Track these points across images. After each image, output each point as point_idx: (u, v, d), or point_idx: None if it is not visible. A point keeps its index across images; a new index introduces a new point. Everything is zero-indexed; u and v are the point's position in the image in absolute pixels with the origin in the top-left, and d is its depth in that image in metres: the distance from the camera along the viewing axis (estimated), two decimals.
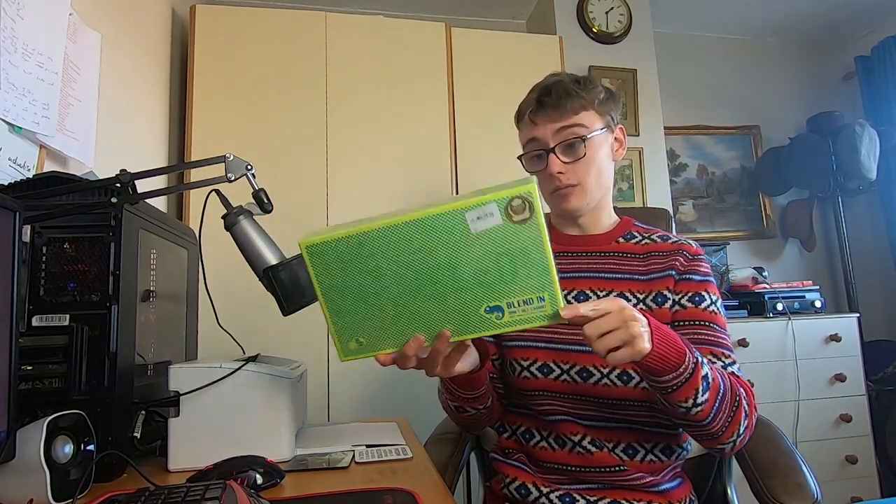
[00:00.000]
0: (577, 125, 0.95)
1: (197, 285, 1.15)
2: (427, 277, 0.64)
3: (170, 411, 0.82)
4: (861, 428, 2.29)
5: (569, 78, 0.98)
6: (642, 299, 0.95)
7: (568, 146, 0.95)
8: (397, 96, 2.06)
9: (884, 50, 2.80)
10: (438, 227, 0.61)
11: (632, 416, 0.92)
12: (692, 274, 0.95)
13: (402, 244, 0.63)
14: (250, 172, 0.88)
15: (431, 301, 0.66)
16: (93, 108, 1.34)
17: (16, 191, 0.86)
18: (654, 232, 1.03)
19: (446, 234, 0.62)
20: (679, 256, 0.96)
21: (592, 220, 1.03)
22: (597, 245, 1.02)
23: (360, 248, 0.64)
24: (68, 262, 0.80)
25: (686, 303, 0.94)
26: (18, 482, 0.65)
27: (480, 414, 0.97)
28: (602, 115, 0.98)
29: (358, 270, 0.65)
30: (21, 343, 0.72)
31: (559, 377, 0.94)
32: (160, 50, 1.89)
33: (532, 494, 0.93)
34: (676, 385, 0.75)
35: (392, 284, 0.65)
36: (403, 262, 0.64)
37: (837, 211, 2.86)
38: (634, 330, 0.68)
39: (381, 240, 0.63)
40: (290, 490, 0.72)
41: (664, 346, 0.72)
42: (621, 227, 1.04)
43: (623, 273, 0.98)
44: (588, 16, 2.58)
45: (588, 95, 0.96)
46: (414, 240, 0.62)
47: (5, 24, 1.01)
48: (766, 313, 2.36)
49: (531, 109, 0.98)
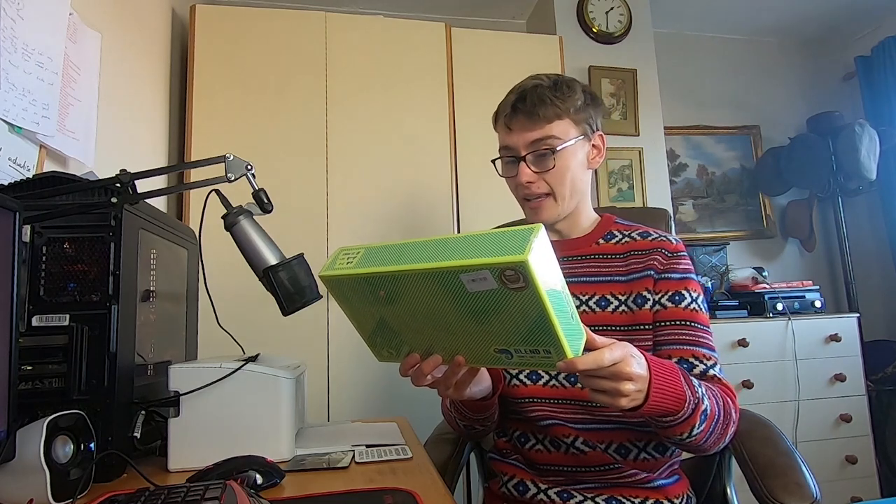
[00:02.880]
0: (549, 136, 0.94)
1: (197, 285, 1.15)
2: (437, 318, 0.64)
3: (170, 411, 0.82)
4: (861, 428, 2.29)
5: (548, 82, 0.96)
6: (624, 301, 0.95)
7: (539, 156, 0.95)
8: (397, 96, 2.06)
9: (884, 50, 2.80)
10: (437, 280, 0.59)
11: (621, 417, 0.92)
12: (671, 272, 0.95)
13: (408, 288, 0.62)
14: (250, 172, 0.88)
15: (444, 333, 0.66)
16: (93, 108, 1.34)
17: (16, 191, 0.86)
18: (635, 229, 1.02)
19: (446, 288, 0.59)
20: (657, 255, 0.96)
21: (570, 224, 1.02)
22: (577, 249, 1.01)
23: (370, 285, 0.65)
24: (68, 262, 0.80)
25: (666, 302, 0.93)
26: (18, 482, 0.65)
27: (487, 429, 1.00)
28: (578, 124, 0.96)
29: (372, 302, 0.67)
30: (21, 343, 0.72)
31: (547, 383, 0.95)
32: (160, 50, 1.89)
33: (530, 491, 0.94)
34: (673, 424, 0.77)
35: (407, 317, 0.67)
36: (414, 302, 0.63)
37: (837, 211, 2.86)
38: (623, 388, 0.68)
39: (389, 281, 0.62)
40: (290, 490, 0.71)
41: (662, 397, 0.73)
42: (601, 228, 1.03)
43: (604, 276, 0.97)
44: (588, 16, 2.58)
45: (563, 104, 0.94)
46: (419, 286, 0.61)
47: (5, 24, 1.01)
48: (766, 313, 2.36)
49: (506, 114, 0.98)
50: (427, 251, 0.60)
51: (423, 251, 0.60)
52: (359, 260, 0.65)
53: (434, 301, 0.62)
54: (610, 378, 0.67)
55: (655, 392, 0.71)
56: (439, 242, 0.60)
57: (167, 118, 1.94)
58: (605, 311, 0.95)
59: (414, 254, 0.61)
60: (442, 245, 0.60)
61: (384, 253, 0.64)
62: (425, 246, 0.61)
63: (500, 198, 2.12)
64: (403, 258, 0.61)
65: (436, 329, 0.66)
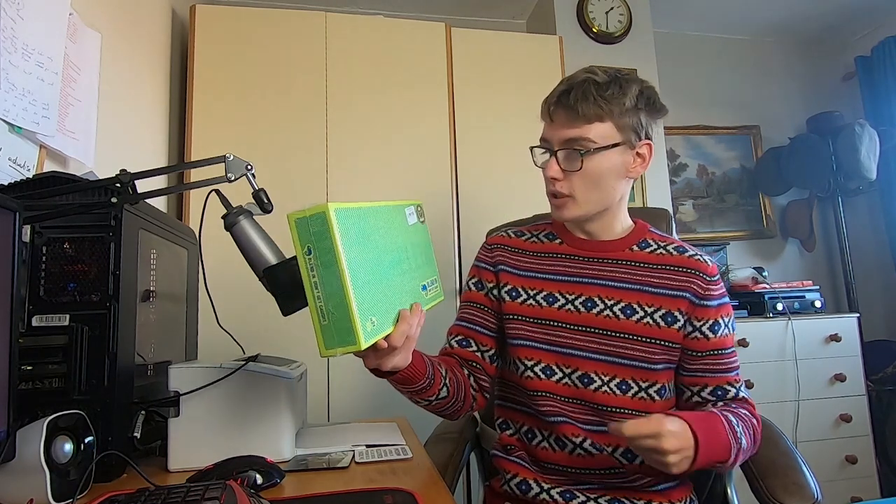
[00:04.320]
0: (585, 138, 0.89)
1: (197, 285, 1.15)
2: (399, 255, 0.77)
3: (170, 411, 0.82)
4: (861, 428, 2.29)
5: (602, 78, 0.91)
6: (650, 313, 0.93)
7: (569, 155, 0.92)
8: (397, 96, 2.06)
9: (884, 50, 2.80)
10: (396, 215, 0.79)
11: None
12: (709, 300, 0.94)
13: (386, 223, 0.74)
14: (250, 172, 0.88)
15: (406, 277, 0.77)
16: (93, 107, 1.34)
17: (16, 191, 0.86)
18: (670, 242, 1.00)
19: (399, 222, 0.79)
20: (696, 279, 0.94)
21: (601, 227, 0.99)
22: (610, 251, 0.98)
23: (364, 220, 0.69)
24: (68, 262, 0.80)
25: (706, 332, 0.94)
26: (18, 482, 0.65)
27: (433, 406, 0.92)
28: (622, 129, 0.91)
29: (365, 242, 0.67)
30: (21, 343, 0.72)
31: (560, 380, 0.94)
32: (160, 50, 1.89)
33: (533, 490, 0.94)
34: (718, 466, 0.84)
35: (385, 259, 0.72)
36: (388, 239, 0.74)
37: (837, 211, 2.86)
38: (667, 460, 0.75)
39: (376, 216, 0.72)
40: (290, 490, 0.72)
41: (710, 454, 0.80)
42: (636, 234, 1.00)
43: (634, 283, 0.95)
44: (588, 16, 2.58)
45: (609, 105, 0.89)
46: (391, 221, 0.76)
47: (5, 24, 1.01)
48: (766, 313, 2.36)
49: (551, 105, 0.94)
50: (393, 206, 0.79)
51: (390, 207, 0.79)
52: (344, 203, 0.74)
53: (397, 237, 0.77)
54: (651, 451, 0.75)
55: (703, 452, 0.77)
56: None
57: (167, 118, 1.94)
58: (630, 320, 0.93)
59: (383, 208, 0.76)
60: None
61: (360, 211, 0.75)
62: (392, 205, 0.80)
63: (500, 196, 2.13)
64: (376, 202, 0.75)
65: (401, 273, 0.76)
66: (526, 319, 0.97)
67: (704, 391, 0.94)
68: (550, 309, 0.97)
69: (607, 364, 0.93)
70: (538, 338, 0.96)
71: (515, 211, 1.55)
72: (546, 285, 0.98)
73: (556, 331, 0.96)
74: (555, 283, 0.98)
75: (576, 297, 0.96)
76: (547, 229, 1.05)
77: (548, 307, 0.97)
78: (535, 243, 1.04)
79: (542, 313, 0.97)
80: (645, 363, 0.92)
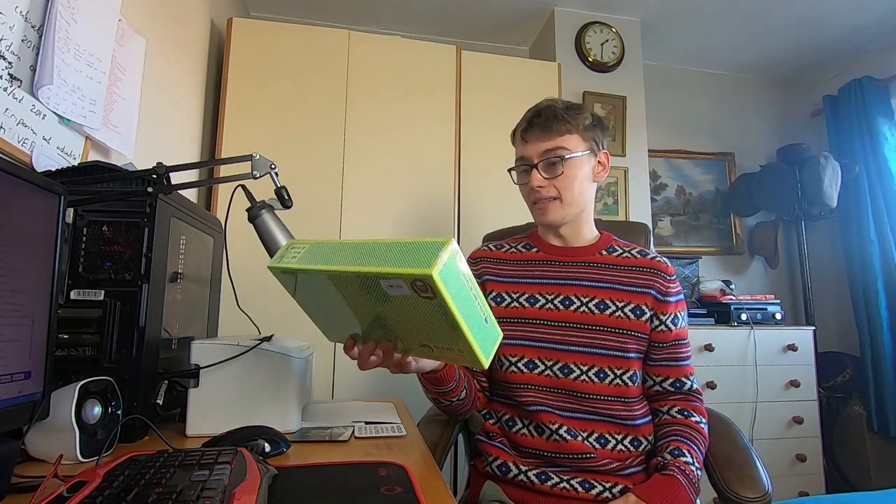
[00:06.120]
0: (560, 147, 0.97)
1: (220, 270, 1.15)
2: (370, 312, 0.63)
3: (190, 382, 0.82)
4: (811, 430, 2.29)
5: (561, 104, 0.99)
6: (621, 307, 0.97)
7: (549, 164, 0.97)
8: (409, 108, 2.06)
9: (850, 91, 2.79)
10: (363, 282, 0.57)
11: (606, 409, 0.93)
12: (669, 296, 0.99)
13: (341, 286, 0.60)
14: (274, 171, 0.88)
15: (377, 324, 0.65)
16: (135, 105, 1.34)
17: (62, 177, 0.86)
18: (633, 247, 1.05)
19: (370, 290, 0.57)
20: (658, 278, 0.99)
21: (573, 232, 1.04)
22: (582, 256, 1.03)
23: (309, 279, 0.63)
24: (106, 244, 0.79)
25: (669, 324, 0.97)
26: (50, 439, 0.65)
27: (454, 405, 0.96)
28: (586, 140, 0.99)
29: (311, 293, 0.67)
30: (60, 314, 0.73)
31: (543, 372, 0.95)
32: (198, 57, 1.89)
33: (512, 472, 0.94)
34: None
35: (344, 308, 0.65)
36: (348, 297, 0.62)
37: (800, 233, 2.85)
38: None
39: (323, 278, 0.61)
40: (295, 459, 0.71)
41: None
42: (603, 241, 1.05)
43: (605, 282, 0.99)
44: (585, 46, 2.58)
45: (574, 121, 0.97)
46: (350, 284, 0.59)
47: (60, 27, 1.01)
48: (731, 322, 2.36)
49: (523, 128, 1.00)
50: (360, 253, 0.57)
51: (357, 253, 0.58)
52: (302, 255, 0.64)
53: (364, 298, 0.60)
54: None
55: None
56: (373, 246, 0.57)
57: (201, 118, 1.93)
58: (604, 314, 0.96)
59: (347, 255, 0.58)
60: (374, 249, 0.57)
61: (325, 251, 0.62)
62: (358, 248, 0.58)
63: (498, 202, 2.13)
64: (338, 258, 0.59)
65: (370, 320, 0.65)
66: (511, 321, 0.98)
67: (666, 382, 0.98)
68: (532, 309, 0.98)
69: (586, 355, 0.94)
70: (521, 336, 0.97)
71: (511, 217, 1.55)
72: (527, 288, 1.00)
73: (539, 328, 0.97)
74: (535, 285, 1.00)
75: (555, 296, 0.98)
76: (524, 241, 1.09)
77: (530, 307, 0.98)
78: (514, 253, 1.07)
79: (526, 313, 0.98)
80: (619, 352, 0.94)
